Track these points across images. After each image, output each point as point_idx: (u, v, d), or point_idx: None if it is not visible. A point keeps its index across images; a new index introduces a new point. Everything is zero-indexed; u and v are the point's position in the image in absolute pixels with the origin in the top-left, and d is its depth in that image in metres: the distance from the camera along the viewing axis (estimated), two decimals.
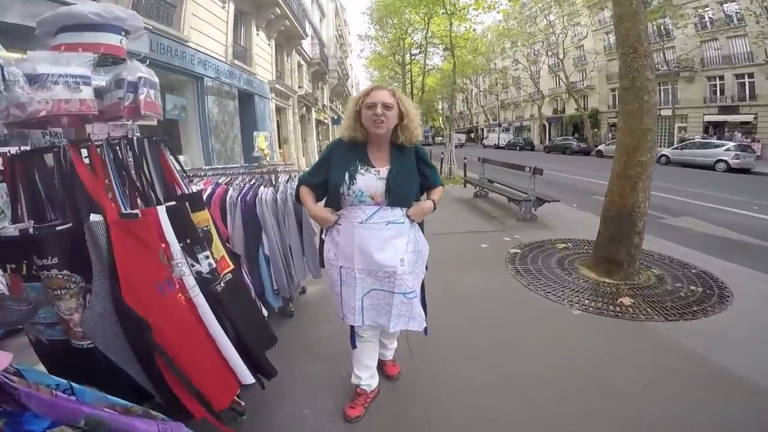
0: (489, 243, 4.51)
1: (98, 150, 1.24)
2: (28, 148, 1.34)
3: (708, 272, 3.46)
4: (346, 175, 1.55)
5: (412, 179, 1.62)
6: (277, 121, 13.78)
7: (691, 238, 4.97)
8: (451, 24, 12.02)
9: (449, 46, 12.63)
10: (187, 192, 1.46)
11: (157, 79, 1.34)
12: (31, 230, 1.16)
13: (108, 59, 1.27)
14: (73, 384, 0.89)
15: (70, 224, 1.18)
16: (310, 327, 2.62)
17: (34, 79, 1.08)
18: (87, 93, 1.13)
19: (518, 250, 4.18)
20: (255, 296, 1.80)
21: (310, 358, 2.24)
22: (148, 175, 1.31)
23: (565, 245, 4.36)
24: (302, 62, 17.53)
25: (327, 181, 1.62)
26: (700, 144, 16.52)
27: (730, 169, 14.36)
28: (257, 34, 11.40)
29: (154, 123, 1.48)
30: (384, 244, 1.56)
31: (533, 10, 28.04)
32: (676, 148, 17.81)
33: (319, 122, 22.24)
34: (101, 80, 1.34)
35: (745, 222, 5.92)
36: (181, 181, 1.45)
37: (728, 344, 2.34)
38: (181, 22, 7.44)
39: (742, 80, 20.23)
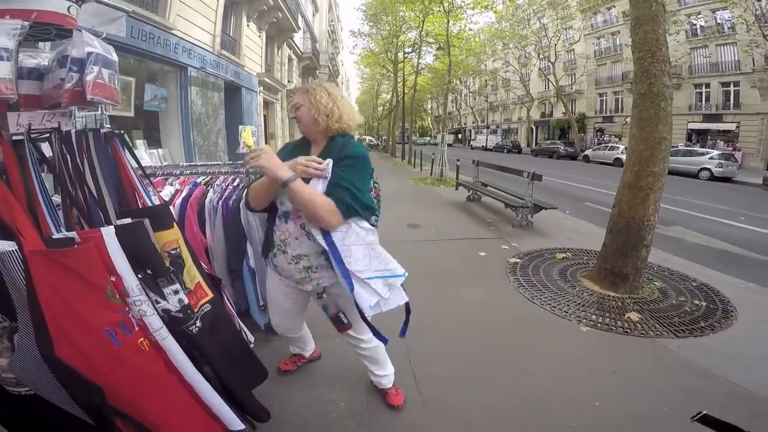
0: (487, 251, 4.32)
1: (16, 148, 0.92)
2: None
3: (709, 285, 3.39)
4: None
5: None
6: (265, 116, 13.35)
7: (685, 248, 4.92)
8: (448, 21, 11.79)
9: (444, 44, 12.43)
10: (149, 203, 1.13)
11: (115, 57, 1.04)
12: None
13: (51, 31, 0.97)
14: None
15: None
16: None
17: None
18: (2, 70, 0.83)
19: (518, 260, 4.00)
20: (239, 323, 1.52)
21: (304, 382, 2.00)
22: (92, 183, 0.99)
23: (564, 255, 4.21)
24: (293, 56, 17.08)
25: None
26: (684, 151, 16.59)
27: (712, 178, 14.63)
28: (248, 25, 10.95)
29: (107, 111, 1.18)
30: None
31: (527, 12, 28.03)
32: None
33: None
34: (43, 58, 1.05)
35: (734, 233, 5.95)
36: (141, 188, 1.12)
37: (741, 362, 2.26)
38: (167, 9, 7.01)
39: (728, 88, 20.55)
